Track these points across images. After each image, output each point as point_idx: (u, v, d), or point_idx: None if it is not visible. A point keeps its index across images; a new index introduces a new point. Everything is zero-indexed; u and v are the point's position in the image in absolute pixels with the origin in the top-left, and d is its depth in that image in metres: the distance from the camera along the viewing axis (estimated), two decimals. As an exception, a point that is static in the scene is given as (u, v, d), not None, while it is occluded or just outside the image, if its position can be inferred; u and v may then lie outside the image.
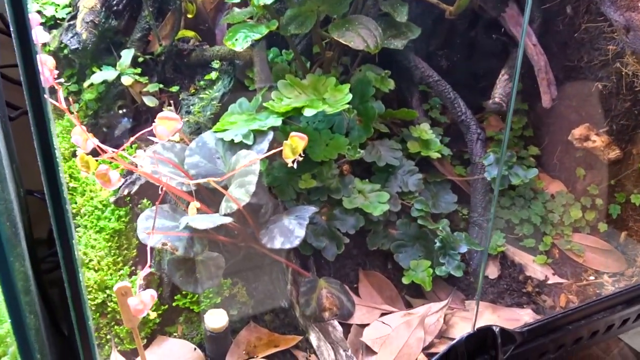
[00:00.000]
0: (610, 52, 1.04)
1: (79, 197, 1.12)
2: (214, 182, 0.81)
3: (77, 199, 1.12)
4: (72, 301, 0.64)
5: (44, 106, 0.50)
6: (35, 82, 0.50)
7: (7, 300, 0.60)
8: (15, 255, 0.65)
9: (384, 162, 1.08)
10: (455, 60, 1.24)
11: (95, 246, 1.04)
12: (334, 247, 1.01)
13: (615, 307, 1.02)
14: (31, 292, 0.90)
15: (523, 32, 0.73)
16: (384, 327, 0.97)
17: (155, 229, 0.86)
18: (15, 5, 0.48)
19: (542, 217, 1.15)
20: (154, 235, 0.85)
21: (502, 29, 1.17)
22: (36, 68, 0.51)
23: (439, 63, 1.21)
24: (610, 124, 1.10)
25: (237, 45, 0.97)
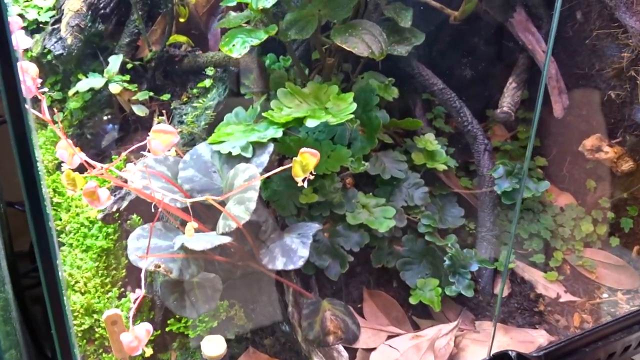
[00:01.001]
0: (625, 60, 1.00)
1: (63, 213, 1.05)
2: (213, 199, 0.74)
3: (62, 216, 1.05)
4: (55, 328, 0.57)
5: (25, 118, 0.44)
6: (15, 90, 0.44)
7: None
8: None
9: (389, 174, 1.02)
10: (460, 67, 1.19)
11: (81, 266, 0.97)
12: (338, 266, 0.96)
13: (632, 327, 0.97)
14: (12, 320, 0.83)
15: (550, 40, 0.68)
16: (391, 351, 0.92)
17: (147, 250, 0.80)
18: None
19: (552, 232, 1.10)
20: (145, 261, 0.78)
21: (509, 35, 1.12)
22: (16, 76, 0.45)
23: (443, 70, 1.15)
24: (623, 135, 1.06)
25: (234, 51, 0.91)
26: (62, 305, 0.57)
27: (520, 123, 1.20)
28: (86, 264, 0.96)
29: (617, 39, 1.01)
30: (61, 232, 1.04)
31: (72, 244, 0.99)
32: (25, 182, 0.50)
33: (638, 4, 0.94)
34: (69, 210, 1.06)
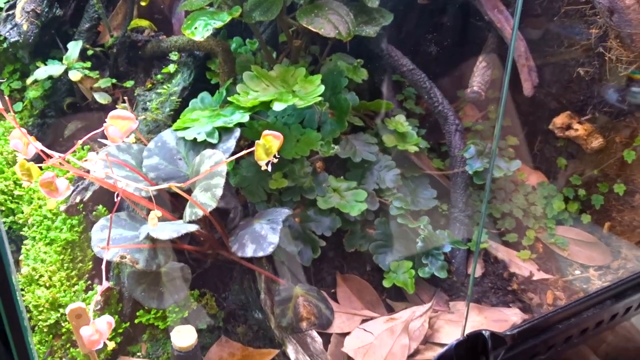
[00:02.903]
0: (593, 36, 1.00)
1: (25, 206, 1.02)
2: (177, 187, 0.72)
3: (24, 208, 1.02)
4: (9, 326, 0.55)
5: None
6: None
7: None
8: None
9: (360, 157, 1.01)
10: (430, 47, 1.18)
11: (45, 260, 0.94)
12: (310, 251, 0.94)
13: (604, 302, 0.98)
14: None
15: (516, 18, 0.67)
16: (365, 334, 0.91)
17: (112, 241, 0.78)
18: None
19: (524, 210, 1.10)
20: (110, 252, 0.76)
21: (478, 14, 1.11)
22: None
23: (412, 51, 1.14)
24: (592, 112, 1.06)
25: (196, 34, 0.88)
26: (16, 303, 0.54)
27: (491, 103, 1.20)
28: (50, 257, 0.93)
29: (585, 16, 1.01)
30: (23, 225, 1.01)
31: (35, 237, 0.96)
32: None
33: (605, -21, 0.93)
34: (31, 202, 1.02)
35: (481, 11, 1.10)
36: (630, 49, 0.95)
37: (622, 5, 0.93)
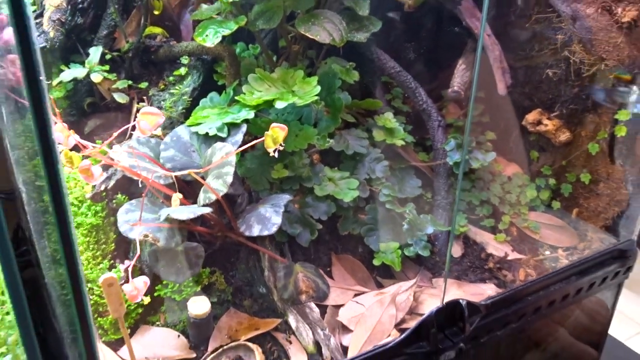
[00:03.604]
0: (559, 41, 1.12)
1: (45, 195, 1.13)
2: (194, 173, 0.84)
3: (45, 197, 1.13)
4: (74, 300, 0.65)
5: (44, 104, 0.52)
6: (35, 78, 0.52)
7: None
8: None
9: (352, 150, 1.13)
10: (415, 51, 1.29)
11: (69, 242, 1.05)
12: (308, 233, 1.06)
13: (570, 278, 1.10)
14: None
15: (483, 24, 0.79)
16: (358, 306, 1.02)
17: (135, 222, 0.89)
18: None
19: (500, 198, 1.23)
20: (135, 228, 0.88)
21: (458, 21, 1.23)
22: (35, 63, 0.52)
23: (399, 54, 1.26)
24: (560, 109, 1.18)
25: (207, 40, 1.00)
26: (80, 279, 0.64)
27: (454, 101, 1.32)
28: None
29: (552, 23, 1.13)
30: (45, 211, 1.12)
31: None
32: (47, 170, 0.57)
33: (568, -9, 1.05)
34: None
35: (460, 18, 1.22)
36: (590, 52, 1.07)
37: (583, 13, 1.05)
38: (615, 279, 1.17)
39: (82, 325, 0.66)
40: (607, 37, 1.03)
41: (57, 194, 0.57)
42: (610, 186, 1.18)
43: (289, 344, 0.96)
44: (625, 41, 1.02)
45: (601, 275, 1.14)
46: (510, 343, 1.10)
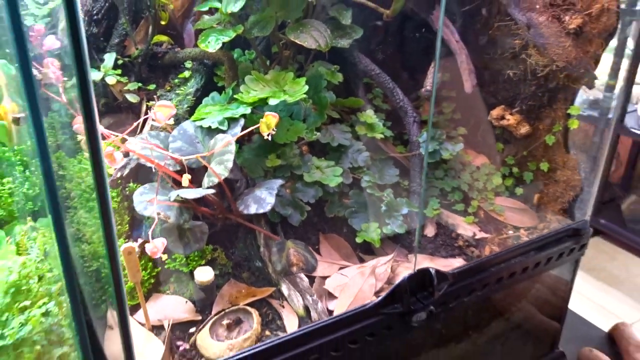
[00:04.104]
0: (517, 46, 1.27)
1: (67, 183, 1.27)
2: (200, 157, 0.99)
3: (66, 185, 1.27)
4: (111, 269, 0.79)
5: (91, 102, 0.66)
6: (86, 79, 0.66)
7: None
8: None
9: (337, 142, 1.28)
10: (393, 55, 1.45)
11: (87, 223, 1.19)
12: (298, 215, 1.21)
13: (529, 253, 1.24)
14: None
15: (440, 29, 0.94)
16: (342, 277, 1.17)
17: (149, 202, 1.04)
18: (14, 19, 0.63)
19: (470, 185, 1.37)
20: (150, 207, 1.02)
21: (430, 28, 1.38)
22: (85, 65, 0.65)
23: (379, 58, 1.41)
24: (520, 105, 1.33)
25: (209, 47, 1.14)
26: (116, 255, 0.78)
27: (444, 100, 1.47)
28: (90, 221, 1.19)
29: (511, 30, 1.28)
30: (67, 197, 1.26)
31: (77, 207, 1.22)
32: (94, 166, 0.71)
33: (523, 2, 1.21)
34: (71, 180, 1.28)
35: (432, 26, 1.37)
36: (544, 55, 1.22)
37: (536, 22, 1.21)
38: (570, 255, 1.32)
39: (116, 290, 0.80)
40: (557, 42, 1.18)
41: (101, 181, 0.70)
42: (565, 173, 1.33)
43: (282, 308, 1.11)
44: (572, 45, 1.18)
45: (557, 251, 1.29)
46: (477, 310, 1.25)
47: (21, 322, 0.77)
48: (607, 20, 1.14)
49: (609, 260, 6.14)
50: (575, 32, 1.16)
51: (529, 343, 1.42)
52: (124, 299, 0.81)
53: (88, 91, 0.65)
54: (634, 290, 5.45)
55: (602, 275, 5.97)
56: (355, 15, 1.30)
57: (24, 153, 1.24)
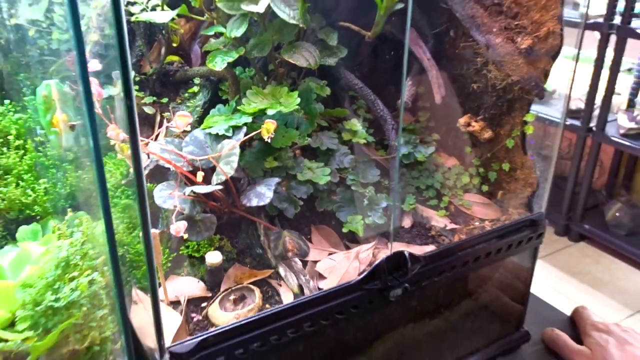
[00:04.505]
0: (479, 63, 1.48)
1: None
2: (212, 158, 1.19)
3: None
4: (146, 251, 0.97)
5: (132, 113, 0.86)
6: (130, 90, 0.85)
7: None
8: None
9: (326, 147, 1.47)
10: (374, 71, 1.65)
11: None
12: (292, 208, 1.40)
13: (491, 240, 1.44)
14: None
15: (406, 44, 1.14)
16: (330, 261, 1.36)
17: (167, 197, 1.23)
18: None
19: (442, 183, 1.58)
20: (168, 201, 1.22)
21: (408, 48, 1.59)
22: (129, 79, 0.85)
23: (362, 74, 1.61)
24: (483, 113, 1.53)
25: (216, 66, 1.34)
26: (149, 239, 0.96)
27: (419, 110, 1.68)
28: (115, 215, 1.38)
29: (474, 49, 1.49)
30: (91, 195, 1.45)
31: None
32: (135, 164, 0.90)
33: (483, 26, 1.42)
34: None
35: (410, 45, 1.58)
36: (501, 71, 1.43)
37: (494, 42, 1.42)
38: (529, 243, 1.51)
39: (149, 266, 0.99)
40: (511, 60, 1.39)
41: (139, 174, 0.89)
42: (524, 172, 1.54)
43: (280, 287, 1.30)
44: (524, 62, 1.39)
45: (517, 239, 1.48)
46: (448, 290, 1.44)
47: (72, 288, 0.96)
48: (552, 41, 1.35)
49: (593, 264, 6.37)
50: (526, 51, 1.36)
51: (496, 322, 1.62)
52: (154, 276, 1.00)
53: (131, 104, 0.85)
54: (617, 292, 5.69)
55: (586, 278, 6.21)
56: (340, 36, 1.51)
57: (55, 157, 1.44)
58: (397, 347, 1.39)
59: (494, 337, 1.63)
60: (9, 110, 1.42)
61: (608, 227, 5.77)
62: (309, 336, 1.20)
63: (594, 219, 5.87)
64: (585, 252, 6.00)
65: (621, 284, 5.36)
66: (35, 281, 1.01)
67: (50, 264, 1.02)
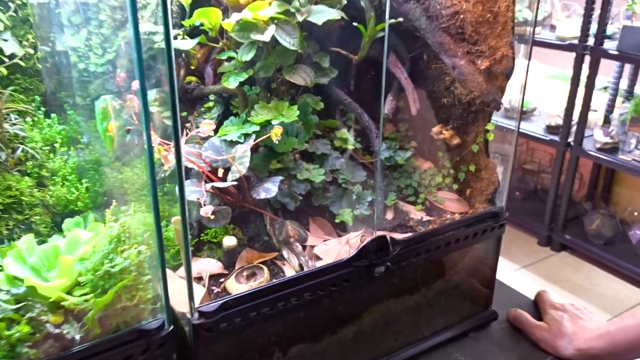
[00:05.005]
0: (447, 81, 1.78)
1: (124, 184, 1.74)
2: (230, 158, 1.47)
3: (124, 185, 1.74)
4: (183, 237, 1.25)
5: (176, 117, 1.14)
6: (173, 98, 1.13)
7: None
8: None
9: (320, 151, 1.75)
10: (360, 89, 1.94)
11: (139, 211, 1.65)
12: (293, 203, 1.68)
13: (460, 228, 1.72)
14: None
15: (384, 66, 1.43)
16: (325, 246, 1.63)
17: (191, 191, 1.51)
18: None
19: (419, 183, 1.85)
20: (192, 194, 1.49)
21: (388, 69, 1.88)
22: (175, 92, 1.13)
23: (350, 91, 1.90)
24: (452, 123, 1.82)
25: (230, 84, 1.62)
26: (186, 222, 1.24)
27: (400, 121, 1.97)
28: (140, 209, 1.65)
29: (443, 70, 1.79)
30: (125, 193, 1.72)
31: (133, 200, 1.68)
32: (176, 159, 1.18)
33: (449, 51, 1.72)
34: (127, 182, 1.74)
35: (389, 67, 1.87)
36: (465, 87, 1.73)
37: (458, 64, 1.71)
38: (492, 232, 1.79)
39: (185, 246, 1.26)
40: (473, 78, 1.69)
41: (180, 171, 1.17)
42: (488, 173, 1.82)
43: (284, 266, 1.57)
44: (483, 80, 1.68)
45: (482, 227, 1.75)
46: (424, 270, 1.71)
47: (124, 257, 1.23)
48: (506, 63, 1.64)
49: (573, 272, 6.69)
50: (485, 71, 1.66)
51: (466, 301, 1.89)
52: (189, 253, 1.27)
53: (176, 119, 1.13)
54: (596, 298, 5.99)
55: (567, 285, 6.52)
56: (332, 60, 1.77)
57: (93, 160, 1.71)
58: (382, 319, 1.66)
59: (465, 314, 1.90)
60: (55, 123, 1.69)
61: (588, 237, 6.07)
62: (308, 305, 1.47)
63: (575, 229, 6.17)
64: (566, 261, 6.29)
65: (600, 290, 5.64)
66: (90, 255, 1.28)
67: (104, 241, 1.29)
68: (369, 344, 1.68)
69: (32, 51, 1.70)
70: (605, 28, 5.27)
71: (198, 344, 1.32)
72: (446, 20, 1.68)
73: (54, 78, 1.76)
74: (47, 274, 1.34)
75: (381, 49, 1.83)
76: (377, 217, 1.69)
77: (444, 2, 1.68)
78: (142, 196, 1.63)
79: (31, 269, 1.34)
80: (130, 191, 1.64)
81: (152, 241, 1.25)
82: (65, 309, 1.24)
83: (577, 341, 1.73)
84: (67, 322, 1.23)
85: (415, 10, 1.72)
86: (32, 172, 1.61)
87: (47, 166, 1.63)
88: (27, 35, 1.69)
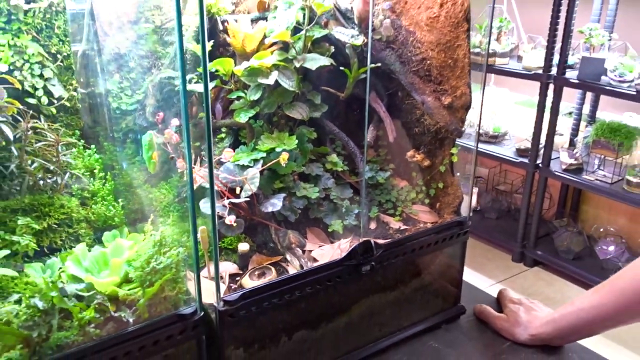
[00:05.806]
0: (418, 114, 2.16)
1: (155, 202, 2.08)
2: (244, 179, 1.82)
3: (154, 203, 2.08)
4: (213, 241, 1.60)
5: (210, 149, 1.49)
6: (209, 134, 1.49)
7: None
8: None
9: (315, 173, 2.11)
10: (347, 121, 2.31)
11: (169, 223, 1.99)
12: (293, 215, 2.02)
13: (430, 234, 2.08)
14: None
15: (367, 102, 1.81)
16: (321, 250, 1.99)
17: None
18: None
19: (397, 198, 2.22)
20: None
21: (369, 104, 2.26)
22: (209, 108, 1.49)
23: (338, 123, 2.28)
24: (423, 148, 2.20)
25: (241, 119, 1.99)
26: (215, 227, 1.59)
27: (380, 147, 2.34)
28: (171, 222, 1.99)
29: (414, 104, 2.17)
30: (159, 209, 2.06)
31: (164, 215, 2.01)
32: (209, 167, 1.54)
33: (419, 89, 2.10)
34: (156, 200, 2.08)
35: (371, 103, 2.25)
36: (433, 119, 2.11)
37: (427, 100, 2.09)
38: (458, 238, 2.15)
39: (214, 248, 1.61)
40: (438, 112, 2.07)
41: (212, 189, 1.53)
42: (453, 189, 2.19)
43: (288, 267, 1.92)
44: (447, 113, 2.06)
45: (449, 234, 2.11)
46: (402, 271, 2.06)
47: (168, 256, 1.57)
48: (464, 99, 2.02)
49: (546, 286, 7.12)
50: (448, 106, 2.04)
51: (439, 298, 2.23)
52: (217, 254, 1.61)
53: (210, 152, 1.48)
54: (567, 309, 6.28)
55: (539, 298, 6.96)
56: (322, 97, 2.15)
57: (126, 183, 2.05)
58: (368, 311, 2.01)
59: (438, 309, 2.25)
60: (94, 152, 2.04)
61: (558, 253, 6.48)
62: (308, 297, 1.82)
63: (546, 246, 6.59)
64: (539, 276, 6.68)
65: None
66: (137, 257, 1.62)
67: (148, 245, 1.63)
68: (358, 333, 2.01)
69: (74, 93, 2.04)
70: (566, 59, 5.76)
71: (223, 327, 1.65)
72: (416, 65, 2.07)
73: (90, 115, 2.11)
74: (99, 274, 1.68)
75: (363, 88, 2.21)
76: (362, 226, 2.04)
77: (414, 50, 2.07)
78: (172, 211, 1.97)
79: (86, 270, 1.68)
80: (159, 207, 1.98)
81: (187, 245, 1.59)
82: (118, 299, 1.58)
83: (530, 328, 2.09)
84: (119, 309, 1.57)
85: (391, 57, 2.11)
86: (76, 193, 1.94)
87: (88, 188, 1.97)
88: (70, 80, 2.04)
